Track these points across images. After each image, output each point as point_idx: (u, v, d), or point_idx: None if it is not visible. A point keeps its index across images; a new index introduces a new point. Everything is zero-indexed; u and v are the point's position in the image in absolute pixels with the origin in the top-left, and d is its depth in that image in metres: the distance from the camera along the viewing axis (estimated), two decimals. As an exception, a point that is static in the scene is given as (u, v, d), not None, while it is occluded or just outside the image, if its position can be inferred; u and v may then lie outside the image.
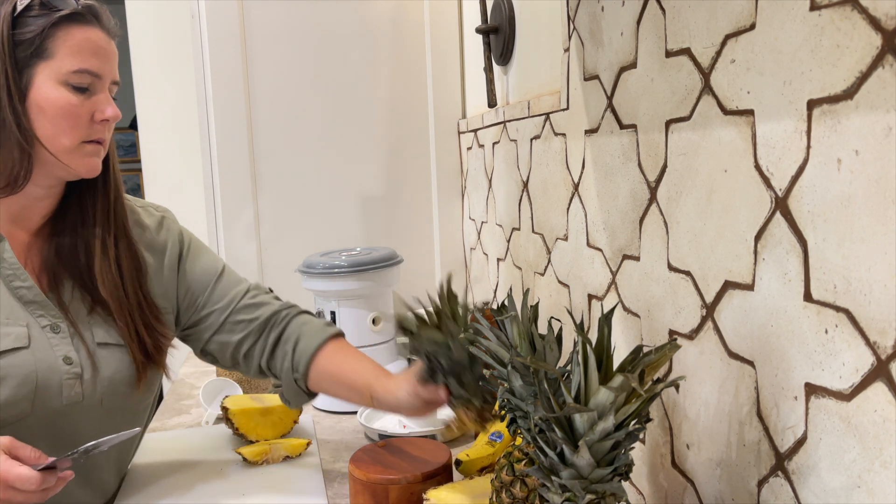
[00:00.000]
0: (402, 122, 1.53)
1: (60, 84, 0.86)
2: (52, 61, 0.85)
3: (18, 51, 0.83)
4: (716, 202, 0.65)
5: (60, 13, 0.85)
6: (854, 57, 0.48)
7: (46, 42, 0.84)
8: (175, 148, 2.50)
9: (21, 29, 0.83)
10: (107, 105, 0.89)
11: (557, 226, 1.05)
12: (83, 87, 0.87)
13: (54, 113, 0.85)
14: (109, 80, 0.91)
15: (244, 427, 1.13)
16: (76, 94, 0.86)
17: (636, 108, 0.79)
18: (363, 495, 0.88)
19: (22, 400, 0.86)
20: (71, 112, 0.86)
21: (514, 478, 0.69)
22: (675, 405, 0.76)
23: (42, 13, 0.84)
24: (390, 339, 1.37)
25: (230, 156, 1.44)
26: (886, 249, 0.46)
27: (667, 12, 0.71)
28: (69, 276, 0.93)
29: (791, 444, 0.57)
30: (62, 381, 0.89)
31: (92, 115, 0.88)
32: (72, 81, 0.86)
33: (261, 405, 1.15)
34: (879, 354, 0.47)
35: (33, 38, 0.84)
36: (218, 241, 1.47)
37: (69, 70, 0.86)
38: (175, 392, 1.50)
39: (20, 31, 0.83)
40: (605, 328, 0.61)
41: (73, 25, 0.86)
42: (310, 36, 1.46)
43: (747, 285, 0.61)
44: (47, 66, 0.85)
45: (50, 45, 0.85)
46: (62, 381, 0.89)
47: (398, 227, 1.56)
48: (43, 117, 0.85)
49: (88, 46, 0.87)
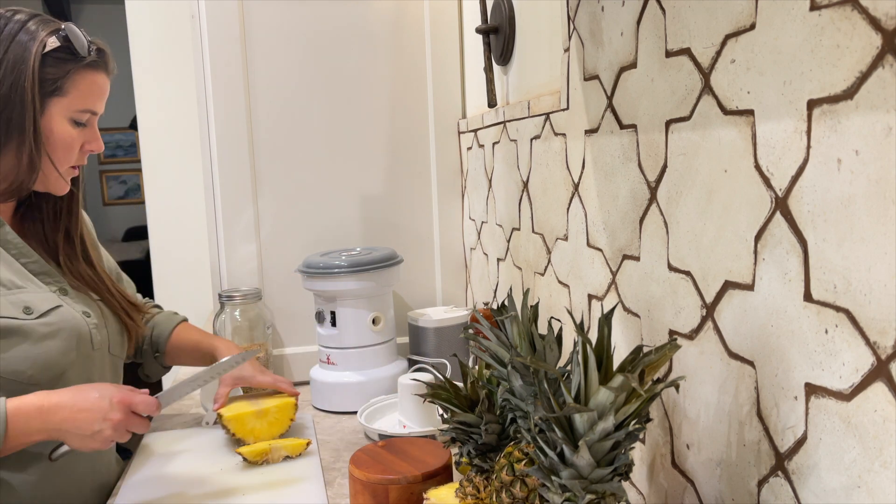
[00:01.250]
0: (402, 122, 1.53)
1: (66, 119, 1.00)
2: (64, 99, 0.99)
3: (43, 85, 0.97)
4: (716, 202, 0.65)
5: (81, 62, 0.99)
6: (854, 57, 0.48)
7: (64, 82, 0.99)
8: (175, 148, 2.51)
9: (46, 67, 0.97)
10: (95, 139, 1.05)
11: (557, 226, 1.05)
12: (82, 123, 1.02)
13: (56, 143, 1.00)
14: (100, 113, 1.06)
15: (241, 431, 1.13)
16: (76, 128, 1.02)
17: (636, 108, 0.79)
18: (363, 495, 0.88)
19: (72, 349, 1.00)
20: (70, 144, 1.01)
21: (514, 478, 0.69)
22: (675, 405, 0.76)
23: (67, 57, 0.98)
24: (390, 339, 1.37)
25: (230, 156, 1.44)
26: (886, 249, 0.46)
27: (667, 12, 0.71)
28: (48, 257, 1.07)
29: (791, 444, 0.57)
30: (90, 330, 1.05)
31: (82, 145, 1.04)
32: (76, 118, 1.01)
33: (255, 407, 1.15)
34: (879, 354, 0.47)
35: (56, 78, 0.98)
36: (218, 241, 1.47)
37: (76, 109, 1.00)
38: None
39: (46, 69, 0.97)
40: (605, 328, 0.61)
41: (88, 71, 1.01)
42: (310, 36, 1.46)
43: (747, 285, 0.61)
44: (59, 102, 0.99)
45: (66, 85, 0.99)
46: (90, 330, 1.05)
47: (398, 227, 1.55)
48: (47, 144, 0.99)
49: (95, 89, 1.03)
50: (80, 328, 1.02)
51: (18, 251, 1.01)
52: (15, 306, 0.96)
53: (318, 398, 1.35)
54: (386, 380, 1.33)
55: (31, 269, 1.02)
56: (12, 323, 0.94)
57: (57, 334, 0.98)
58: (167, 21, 2.45)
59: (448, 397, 0.80)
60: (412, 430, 1.15)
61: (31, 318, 0.96)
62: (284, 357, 1.50)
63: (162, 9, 2.45)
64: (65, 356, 0.99)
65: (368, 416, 1.22)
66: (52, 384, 0.97)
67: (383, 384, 1.32)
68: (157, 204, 2.49)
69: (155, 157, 2.51)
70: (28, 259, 1.02)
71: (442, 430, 0.83)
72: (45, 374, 0.97)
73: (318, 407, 1.35)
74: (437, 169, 1.56)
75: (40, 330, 0.97)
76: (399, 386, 1.18)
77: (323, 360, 1.35)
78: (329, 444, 1.17)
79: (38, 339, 0.96)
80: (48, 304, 1.00)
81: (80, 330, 1.02)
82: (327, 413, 1.33)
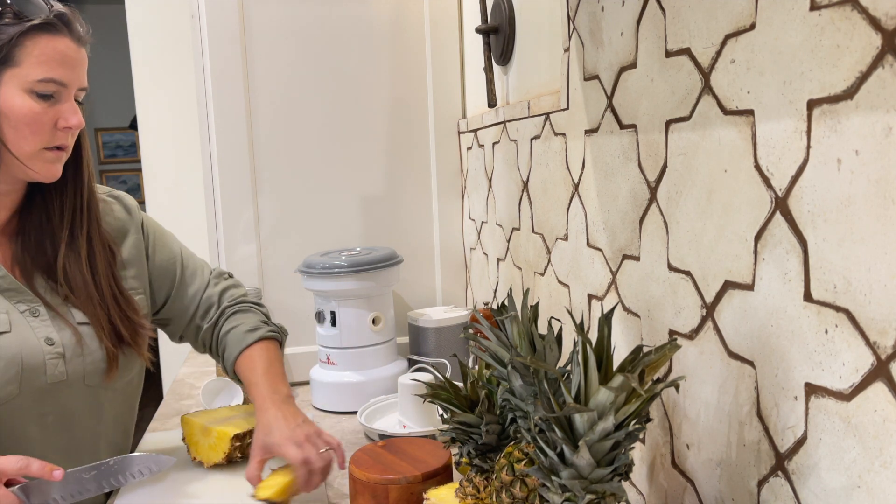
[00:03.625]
0: (402, 122, 1.53)
1: (25, 92, 0.87)
2: (18, 69, 0.86)
3: None
4: (716, 202, 0.65)
5: (30, 23, 0.86)
6: (854, 57, 0.48)
7: (14, 50, 0.85)
8: (175, 148, 2.51)
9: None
10: (71, 114, 0.90)
11: (557, 226, 1.05)
12: (48, 95, 0.88)
13: (17, 120, 0.87)
14: (76, 87, 0.92)
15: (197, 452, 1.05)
16: (40, 102, 0.88)
17: (636, 108, 0.79)
18: (363, 495, 0.88)
19: (9, 381, 0.89)
20: (34, 119, 0.88)
21: (514, 478, 0.69)
22: (675, 405, 0.76)
23: (13, 22, 0.85)
24: (390, 339, 1.37)
25: (230, 156, 1.44)
26: (886, 249, 0.46)
27: (667, 12, 0.71)
28: (38, 270, 0.96)
29: (791, 444, 0.57)
30: (45, 360, 0.92)
31: (55, 122, 0.90)
32: (37, 90, 0.87)
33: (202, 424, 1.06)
34: (879, 354, 0.47)
35: (1, 46, 0.84)
36: (218, 241, 1.47)
37: (34, 79, 0.87)
38: (175, 392, 1.50)
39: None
40: (605, 328, 0.61)
41: (42, 35, 0.87)
42: (310, 36, 1.46)
43: (747, 285, 0.61)
44: (13, 73, 0.86)
45: (17, 54, 0.86)
46: (45, 360, 0.92)
47: (398, 227, 1.55)
48: (6, 123, 0.86)
49: (56, 56, 0.88)
50: (26, 360, 0.90)
51: None
52: None
53: (318, 398, 1.35)
54: (386, 380, 1.33)
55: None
56: None
57: None
58: (167, 21, 2.45)
59: (448, 397, 0.80)
60: (412, 430, 1.15)
61: None
62: (284, 357, 1.50)
63: (162, 9, 2.45)
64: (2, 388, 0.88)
65: (368, 416, 1.22)
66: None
67: (383, 384, 1.32)
68: (157, 204, 2.49)
69: (155, 157, 2.51)
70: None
71: (442, 431, 0.83)
72: None
73: (318, 407, 1.35)
74: (437, 169, 1.56)
75: None
76: (399, 386, 1.18)
77: (323, 360, 1.35)
78: (329, 444, 1.17)
79: None
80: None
81: (23, 362, 0.90)
82: (327, 413, 1.33)
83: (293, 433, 0.94)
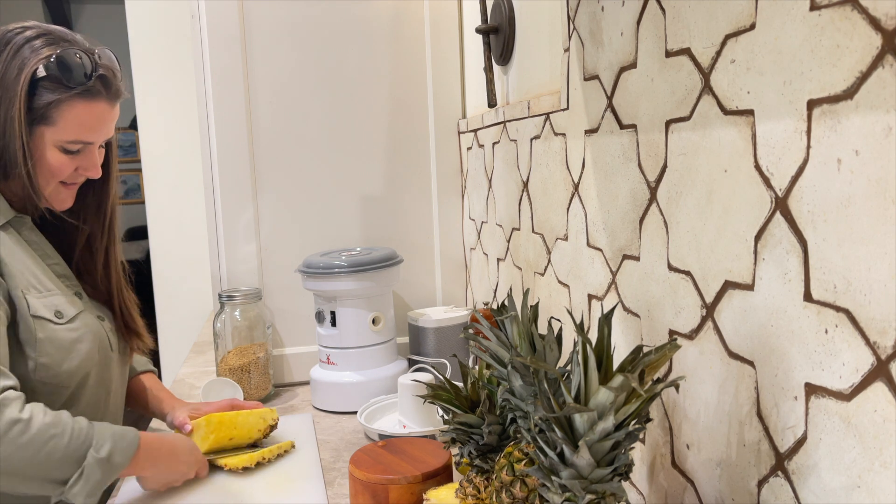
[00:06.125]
0: (402, 122, 1.53)
1: (55, 147, 0.97)
2: (53, 128, 0.96)
3: (30, 114, 0.94)
4: (716, 202, 0.65)
5: (72, 92, 0.95)
6: (854, 57, 0.48)
7: (51, 111, 0.95)
8: (175, 148, 2.51)
9: (35, 95, 0.94)
10: (92, 166, 1.02)
11: (557, 226, 1.05)
12: (75, 151, 0.99)
13: (43, 169, 0.98)
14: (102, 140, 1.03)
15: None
16: (66, 156, 0.98)
17: (636, 108, 0.79)
18: (363, 495, 0.88)
19: (95, 353, 1.02)
20: (59, 170, 0.99)
21: (514, 478, 0.69)
22: (675, 405, 0.76)
23: (53, 87, 0.94)
24: (390, 339, 1.37)
25: (230, 156, 1.44)
26: (886, 249, 0.46)
27: (667, 12, 0.71)
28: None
29: (791, 444, 0.57)
30: (107, 333, 1.06)
31: (76, 169, 1.01)
32: (66, 147, 0.98)
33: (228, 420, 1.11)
34: (879, 354, 0.47)
35: (42, 107, 0.94)
36: (218, 241, 1.47)
37: (66, 140, 0.97)
38: (175, 392, 1.50)
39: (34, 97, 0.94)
40: (605, 328, 0.61)
41: (80, 101, 0.96)
42: (310, 36, 1.46)
43: (747, 285, 0.61)
44: (48, 130, 0.96)
45: (54, 114, 0.95)
46: (107, 333, 1.06)
47: (398, 227, 1.55)
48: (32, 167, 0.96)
49: (89, 121, 0.98)
50: (100, 332, 1.03)
51: (42, 251, 1.01)
52: (48, 310, 0.96)
53: (318, 398, 1.35)
54: (386, 380, 1.33)
55: (54, 270, 1.02)
56: (47, 326, 0.95)
57: (83, 339, 1.00)
58: (167, 21, 2.45)
59: (449, 398, 0.80)
60: (412, 430, 1.15)
61: (62, 323, 0.97)
62: (284, 357, 1.50)
63: (162, 9, 2.45)
64: (90, 360, 1.00)
65: (368, 416, 1.22)
66: (78, 387, 0.99)
67: (383, 384, 1.32)
68: (157, 204, 2.50)
69: (155, 157, 2.51)
70: (52, 260, 1.02)
71: (442, 431, 0.83)
72: (73, 378, 0.98)
73: (318, 407, 1.35)
74: (437, 169, 1.56)
75: (69, 335, 0.98)
76: (399, 386, 1.18)
77: (323, 360, 1.35)
78: (329, 444, 1.17)
79: (69, 344, 0.98)
80: (74, 308, 1.00)
81: (100, 334, 1.03)
82: (327, 413, 1.33)
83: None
